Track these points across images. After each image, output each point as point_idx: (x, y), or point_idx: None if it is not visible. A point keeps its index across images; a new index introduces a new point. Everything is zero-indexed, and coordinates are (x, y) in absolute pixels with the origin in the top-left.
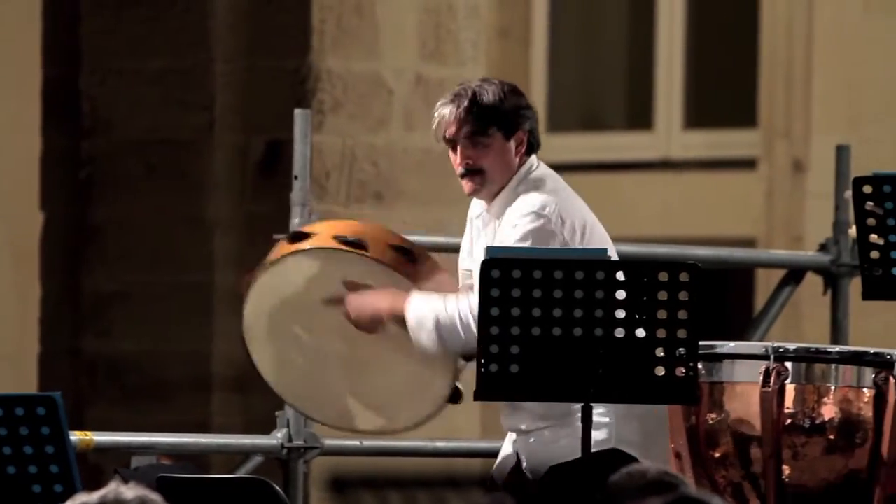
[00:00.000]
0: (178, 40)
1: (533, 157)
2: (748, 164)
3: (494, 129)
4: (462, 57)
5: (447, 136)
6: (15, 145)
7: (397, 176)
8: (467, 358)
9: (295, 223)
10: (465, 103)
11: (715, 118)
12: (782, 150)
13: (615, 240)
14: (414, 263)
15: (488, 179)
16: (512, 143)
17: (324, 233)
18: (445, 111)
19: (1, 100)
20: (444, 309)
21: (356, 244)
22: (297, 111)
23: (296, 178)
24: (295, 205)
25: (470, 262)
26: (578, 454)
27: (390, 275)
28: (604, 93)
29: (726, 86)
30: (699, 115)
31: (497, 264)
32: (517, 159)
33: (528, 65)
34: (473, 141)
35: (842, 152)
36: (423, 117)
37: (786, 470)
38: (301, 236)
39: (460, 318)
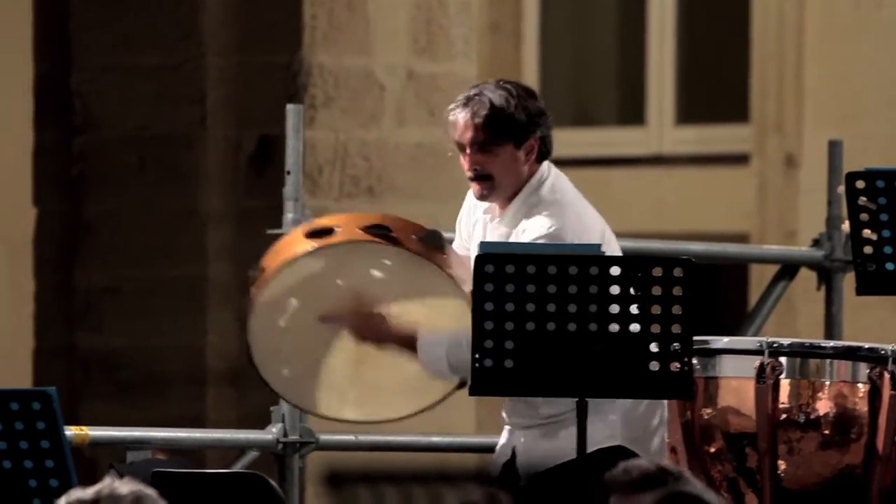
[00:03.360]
0: (170, 36)
1: (545, 165)
2: (740, 159)
3: (504, 139)
4: (453, 52)
5: (457, 140)
6: (7, 141)
7: (389, 171)
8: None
9: (288, 218)
10: (477, 110)
11: (707, 113)
12: (774, 145)
13: None
14: (441, 251)
15: (496, 185)
16: (522, 152)
17: (348, 224)
18: (458, 116)
19: None
20: (455, 339)
21: (383, 232)
22: (289, 106)
23: (288, 173)
24: (288, 199)
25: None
26: (575, 454)
27: (422, 265)
28: (595, 88)
29: (718, 81)
30: (691, 110)
31: (491, 259)
32: (527, 167)
33: (519, 60)
34: (482, 148)
35: (834, 147)
36: (415, 112)
37: (781, 465)
38: (324, 232)
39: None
